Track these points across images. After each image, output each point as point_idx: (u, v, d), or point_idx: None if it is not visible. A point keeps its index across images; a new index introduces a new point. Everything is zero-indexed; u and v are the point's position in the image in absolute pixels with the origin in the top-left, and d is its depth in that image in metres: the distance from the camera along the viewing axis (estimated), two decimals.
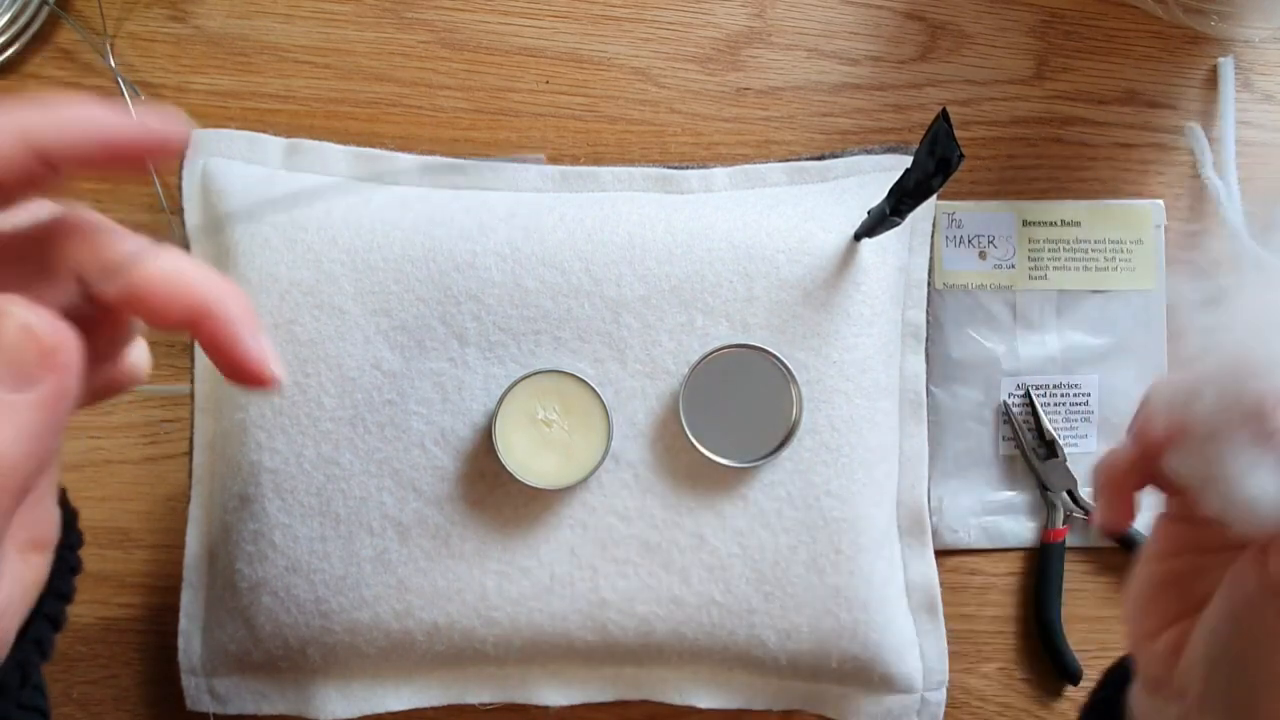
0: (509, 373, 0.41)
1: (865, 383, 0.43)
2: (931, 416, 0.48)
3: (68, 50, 0.46)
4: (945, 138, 0.35)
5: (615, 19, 0.48)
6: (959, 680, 0.49)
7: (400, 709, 0.44)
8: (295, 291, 0.41)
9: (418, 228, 0.42)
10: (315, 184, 0.23)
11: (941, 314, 0.49)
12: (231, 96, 0.47)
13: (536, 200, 0.44)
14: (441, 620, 0.41)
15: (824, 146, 0.49)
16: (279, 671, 0.43)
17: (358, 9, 0.47)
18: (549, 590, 0.41)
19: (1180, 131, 0.51)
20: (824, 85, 0.49)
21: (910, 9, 0.50)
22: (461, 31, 0.48)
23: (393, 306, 0.41)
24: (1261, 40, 0.51)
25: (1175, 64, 0.51)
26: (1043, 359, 0.49)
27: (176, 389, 0.46)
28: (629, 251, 0.42)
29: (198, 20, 0.47)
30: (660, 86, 0.49)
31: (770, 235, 0.43)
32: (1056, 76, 0.51)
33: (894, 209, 0.38)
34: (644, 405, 0.42)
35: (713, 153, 0.49)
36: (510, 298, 0.41)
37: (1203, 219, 0.51)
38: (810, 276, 0.42)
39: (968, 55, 0.50)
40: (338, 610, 0.41)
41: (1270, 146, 0.52)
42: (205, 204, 0.43)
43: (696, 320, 0.42)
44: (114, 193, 0.46)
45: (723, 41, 0.49)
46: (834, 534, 0.42)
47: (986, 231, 0.50)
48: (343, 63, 0.47)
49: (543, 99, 0.48)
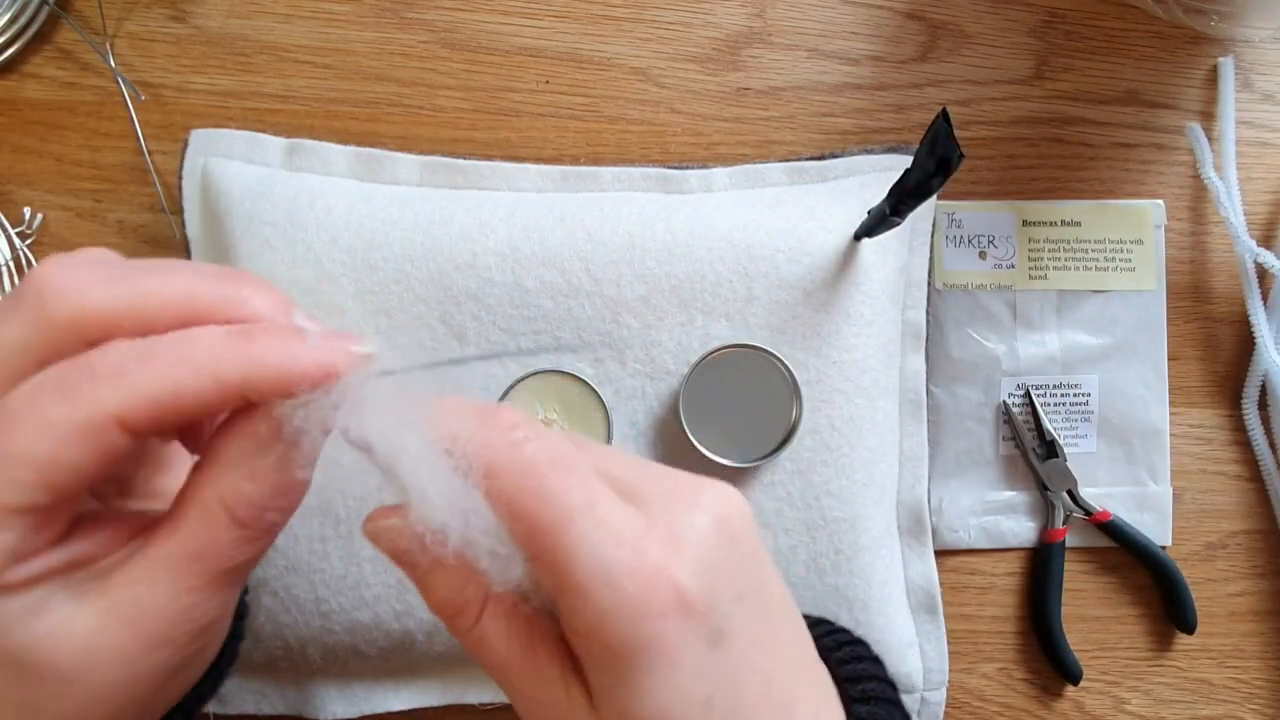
0: (509, 373, 0.41)
1: (865, 383, 0.43)
2: (931, 416, 0.48)
3: (68, 50, 0.46)
4: (945, 138, 0.35)
5: (615, 19, 0.48)
6: (959, 680, 0.49)
7: (400, 709, 0.44)
8: (295, 291, 0.41)
9: (418, 228, 0.42)
10: (456, 356, 0.24)
11: (941, 314, 0.49)
12: (231, 96, 0.47)
13: (536, 200, 0.44)
14: None
15: (824, 146, 0.49)
16: (279, 671, 0.43)
17: (358, 9, 0.47)
18: None
19: (1180, 131, 0.51)
20: (824, 85, 0.49)
21: (910, 9, 0.50)
22: (461, 31, 0.48)
23: (393, 306, 0.41)
24: (1261, 40, 0.51)
25: (1175, 64, 0.51)
26: (1043, 359, 0.49)
27: None
28: (629, 251, 0.42)
29: (198, 20, 0.47)
30: (660, 86, 0.49)
31: (770, 235, 0.43)
32: (1056, 76, 0.51)
33: (894, 209, 0.38)
34: (644, 405, 0.42)
35: (713, 153, 0.49)
36: (510, 298, 0.41)
37: (1203, 219, 0.51)
38: (810, 276, 0.42)
39: (968, 55, 0.50)
40: (338, 610, 0.41)
41: (1270, 146, 0.52)
42: (205, 204, 0.43)
43: (696, 320, 0.42)
44: (114, 193, 0.46)
45: (723, 41, 0.49)
46: (834, 534, 0.42)
47: (986, 231, 0.50)
48: (343, 63, 0.47)
49: (543, 99, 0.48)
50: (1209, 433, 0.51)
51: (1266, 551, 0.51)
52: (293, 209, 0.42)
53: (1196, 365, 0.51)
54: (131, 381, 0.21)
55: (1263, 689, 0.51)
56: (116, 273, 0.23)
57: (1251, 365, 0.51)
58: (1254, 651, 0.51)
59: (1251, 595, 0.51)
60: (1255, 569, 0.51)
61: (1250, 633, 0.51)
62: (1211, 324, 0.51)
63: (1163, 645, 0.50)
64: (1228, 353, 0.51)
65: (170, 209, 0.46)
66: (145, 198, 0.46)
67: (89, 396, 0.21)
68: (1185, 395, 0.51)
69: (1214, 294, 0.51)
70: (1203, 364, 0.51)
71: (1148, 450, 0.50)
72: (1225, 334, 0.51)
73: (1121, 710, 0.50)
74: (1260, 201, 0.52)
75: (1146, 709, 0.50)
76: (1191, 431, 0.51)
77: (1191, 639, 0.50)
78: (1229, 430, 0.51)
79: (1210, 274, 0.51)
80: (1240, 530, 0.51)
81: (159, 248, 0.46)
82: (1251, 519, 0.51)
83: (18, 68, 0.46)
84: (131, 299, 0.22)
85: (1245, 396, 0.51)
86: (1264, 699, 0.51)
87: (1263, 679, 0.51)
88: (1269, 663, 0.51)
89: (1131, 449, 0.50)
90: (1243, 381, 0.51)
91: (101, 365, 0.21)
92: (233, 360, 0.22)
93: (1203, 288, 0.51)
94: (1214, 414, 0.51)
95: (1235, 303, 0.51)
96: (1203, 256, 0.51)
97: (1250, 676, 0.51)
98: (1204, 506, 0.51)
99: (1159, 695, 0.50)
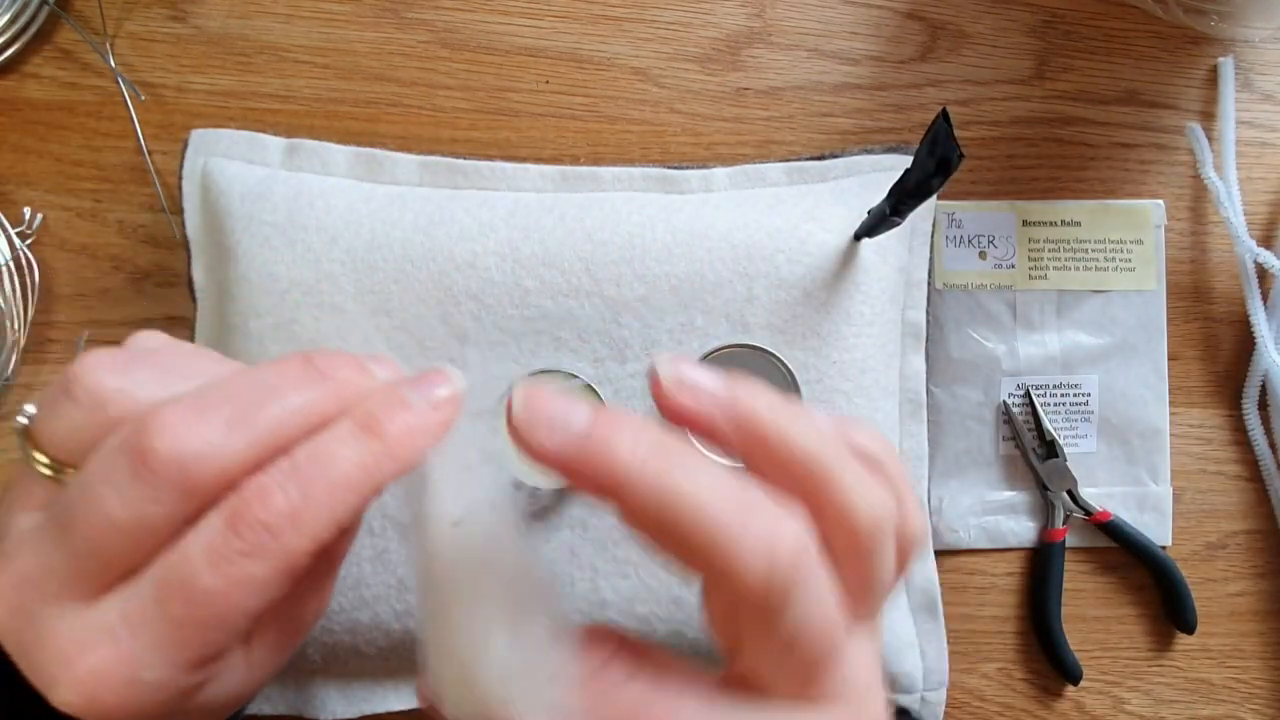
0: (508, 373, 0.41)
1: (865, 383, 0.43)
2: (931, 416, 0.48)
3: (68, 50, 0.46)
4: (945, 138, 0.35)
5: (615, 19, 0.48)
6: (959, 680, 0.49)
7: (400, 709, 0.44)
8: (295, 291, 0.41)
9: (418, 228, 0.42)
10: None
11: (941, 314, 0.49)
12: (231, 96, 0.47)
13: (536, 200, 0.44)
14: None
15: (824, 146, 0.49)
16: (279, 671, 0.43)
17: (358, 9, 0.47)
18: None
19: (1180, 131, 0.51)
20: (824, 85, 0.49)
21: (910, 9, 0.50)
22: (461, 31, 0.48)
23: (393, 306, 0.41)
24: (1261, 40, 0.51)
25: (1175, 64, 0.51)
26: (1043, 359, 0.49)
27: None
28: (629, 251, 0.42)
29: (198, 20, 0.47)
30: (660, 86, 0.49)
31: (770, 235, 0.43)
32: (1056, 76, 0.51)
33: (894, 209, 0.38)
34: (644, 405, 0.42)
35: (713, 153, 0.49)
36: (510, 298, 0.41)
37: (1203, 219, 0.51)
38: (810, 276, 0.42)
39: (968, 55, 0.50)
40: (338, 610, 0.41)
41: (1270, 146, 0.52)
42: (205, 204, 0.43)
43: (696, 320, 0.42)
44: (114, 193, 0.46)
45: (723, 41, 0.49)
46: None
47: (986, 231, 0.50)
48: (343, 63, 0.47)
49: (543, 99, 0.48)
50: (1209, 433, 0.51)
51: (1266, 551, 0.51)
52: (293, 209, 0.42)
53: (1196, 365, 0.51)
54: (305, 522, 0.22)
55: (1263, 689, 0.51)
56: (234, 411, 0.22)
57: (1251, 365, 0.51)
58: (1254, 651, 0.51)
59: (1251, 595, 0.51)
60: (1255, 569, 0.51)
61: (1250, 633, 0.51)
62: (1211, 324, 0.51)
63: (1163, 645, 0.50)
64: (1228, 353, 0.51)
65: (170, 209, 0.46)
66: (145, 198, 0.46)
67: (277, 549, 0.21)
68: (1185, 395, 0.51)
69: (1214, 294, 0.51)
70: (1203, 364, 0.51)
71: (1148, 450, 0.50)
72: (1225, 334, 0.51)
73: (1121, 710, 0.50)
74: (1260, 201, 0.52)
75: (1146, 709, 0.50)
76: (1191, 431, 0.51)
77: (1191, 639, 0.50)
78: (1229, 430, 0.51)
79: (1210, 274, 0.51)
80: (1240, 530, 0.51)
81: (159, 248, 0.46)
82: (1251, 519, 0.51)
83: (18, 68, 0.46)
84: (264, 442, 0.22)
85: (1245, 396, 0.51)
86: (1264, 699, 0.51)
87: (1263, 679, 0.51)
88: (1269, 663, 0.51)
89: (1131, 449, 0.50)
90: (1243, 381, 0.51)
91: (270, 517, 0.21)
92: (377, 465, 0.22)
93: (1203, 288, 0.51)
94: (1214, 414, 0.51)
95: (1235, 303, 0.51)
96: (1203, 256, 0.51)
97: (1250, 676, 0.51)
98: (1204, 506, 0.51)
99: (1159, 695, 0.50)
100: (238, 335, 0.41)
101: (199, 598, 0.21)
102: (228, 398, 0.22)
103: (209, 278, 0.43)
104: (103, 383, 0.23)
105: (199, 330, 0.43)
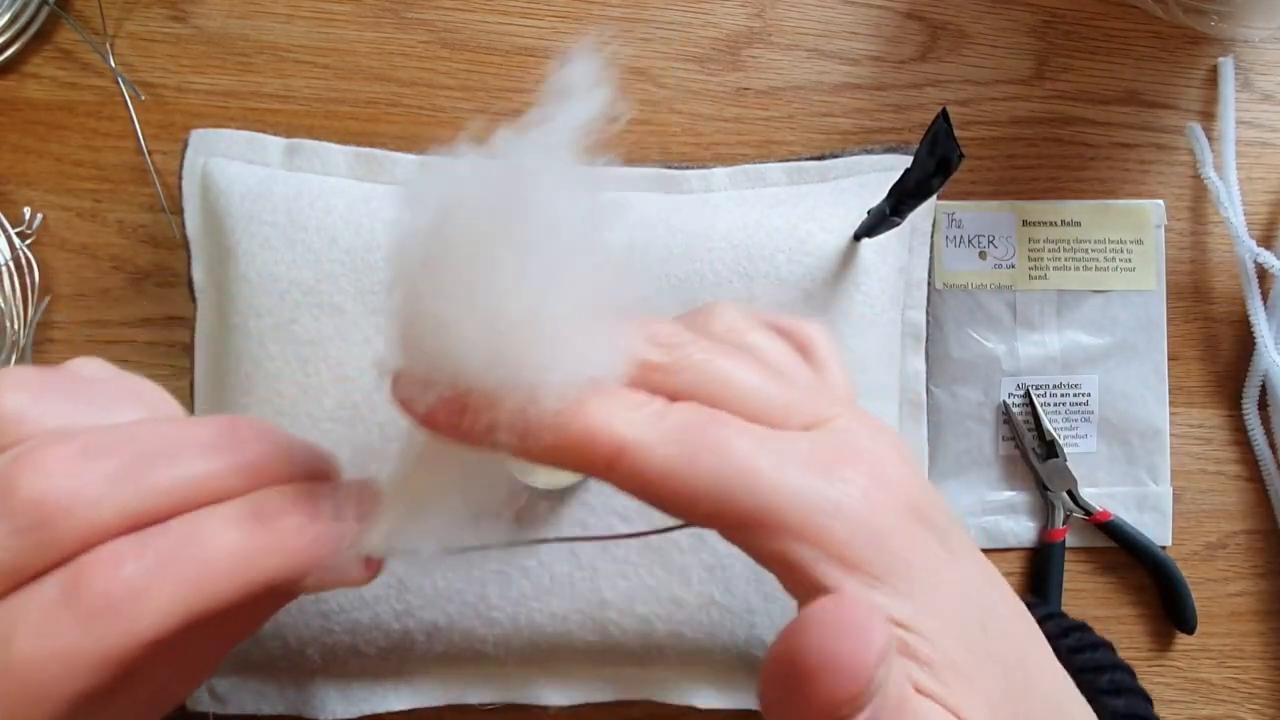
0: None
1: (865, 382, 0.43)
2: (931, 416, 0.48)
3: (68, 50, 0.46)
4: (945, 138, 0.35)
5: (615, 19, 0.48)
6: None
7: (400, 709, 0.44)
8: (295, 291, 0.41)
9: None
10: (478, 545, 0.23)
11: (941, 314, 0.49)
12: (231, 96, 0.47)
13: None
14: (441, 620, 0.41)
15: (824, 146, 0.49)
16: (279, 671, 0.43)
17: (358, 9, 0.47)
18: (549, 590, 0.41)
19: (1180, 131, 0.51)
20: (824, 85, 0.49)
21: (910, 9, 0.50)
22: (461, 31, 0.48)
23: None
24: (1261, 40, 0.51)
25: (1175, 64, 0.51)
26: (1043, 359, 0.49)
27: None
28: (629, 251, 0.42)
29: (198, 20, 0.47)
30: (660, 86, 0.49)
31: (770, 235, 0.43)
32: (1056, 76, 0.51)
33: (894, 209, 0.38)
34: None
35: (713, 153, 0.49)
36: None
37: (1203, 219, 0.51)
38: (810, 276, 0.42)
39: (968, 55, 0.50)
40: (338, 610, 0.41)
41: (1270, 146, 0.52)
42: (205, 204, 0.43)
43: None
44: (114, 193, 0.46)
45: (723, 41, 0.49)
46: None
47: (986, 231, 0.50)
48: (343, 63, 0.47)
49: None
50: (1209, 433, 0.51)
51: (1266, 551, 0.51)
52: (293, 209, 0.42)
53: (1196, 365, 0.51)
54: (151, 601, 0.19)
55: (1263, 689, 0.51)
56: (124, 464, 0.20)
57: (1251, 365, 0.51)
58: (1254, 651, 0.51)
59: (1251, 595, 0.51)
60: (1255, 569, 0.51)
61: (1250, 633, 0.51)
62: (1211, 324, 0.51)
63: (1163, 645, 0.50)
64: (1228, 353, 0.51)
65: (170, 209, 0.46)
66: (145, 198, 0.46)
67: (108, 627, 0.18)
68: (1185, 395, 0.51)
69: (1214, 294, 0.51)
70: (1203, 364, 0.51)
71: (1148, 450, 0.50)
72: (1225, 334, 0.51)
73: None
74: (1260, 201, 0.52)
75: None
76: (1191, 431, 0.51)
77: (1191, 639, 0.50)
78: (1229, 430, 0.51)
79: (1210, 274, 0.51)
80: (1240, 530, 0.51)
81: (159, 248, 0.46)
82: (1251, 519, 0.51)
83: (18, 68, 0.46)
84: (145, 504, 0.20)
85: (1245, 396, 0.51)
86: (1264, 699, 0.51)
87: (1263, 679, 0.51)
88: (1269, 663, 0.51)
89: (1131, 449, 0.50)
90: (1243, 381, 0.51)
91: (113, 588, 0.19)
92: (256, 557, 0.20)
93: (1203, 288, 0.51)
94: (1214, 414, 0.51)
95: (1235, 303, 0.51)
96: (1203, 256, 0.51)
97: (1250, 676, 0.51)
98: (1204, 506, 0.51)
99: (1159, 695, 0.50)
100: (238, 335, 0.41)
101: (15, 665, 0.18)
102: (124, 447, 0.20)
103: (209, 278, 0.43)
104: (3, 399, 0.21)
105: (199, 330, 0.43)
